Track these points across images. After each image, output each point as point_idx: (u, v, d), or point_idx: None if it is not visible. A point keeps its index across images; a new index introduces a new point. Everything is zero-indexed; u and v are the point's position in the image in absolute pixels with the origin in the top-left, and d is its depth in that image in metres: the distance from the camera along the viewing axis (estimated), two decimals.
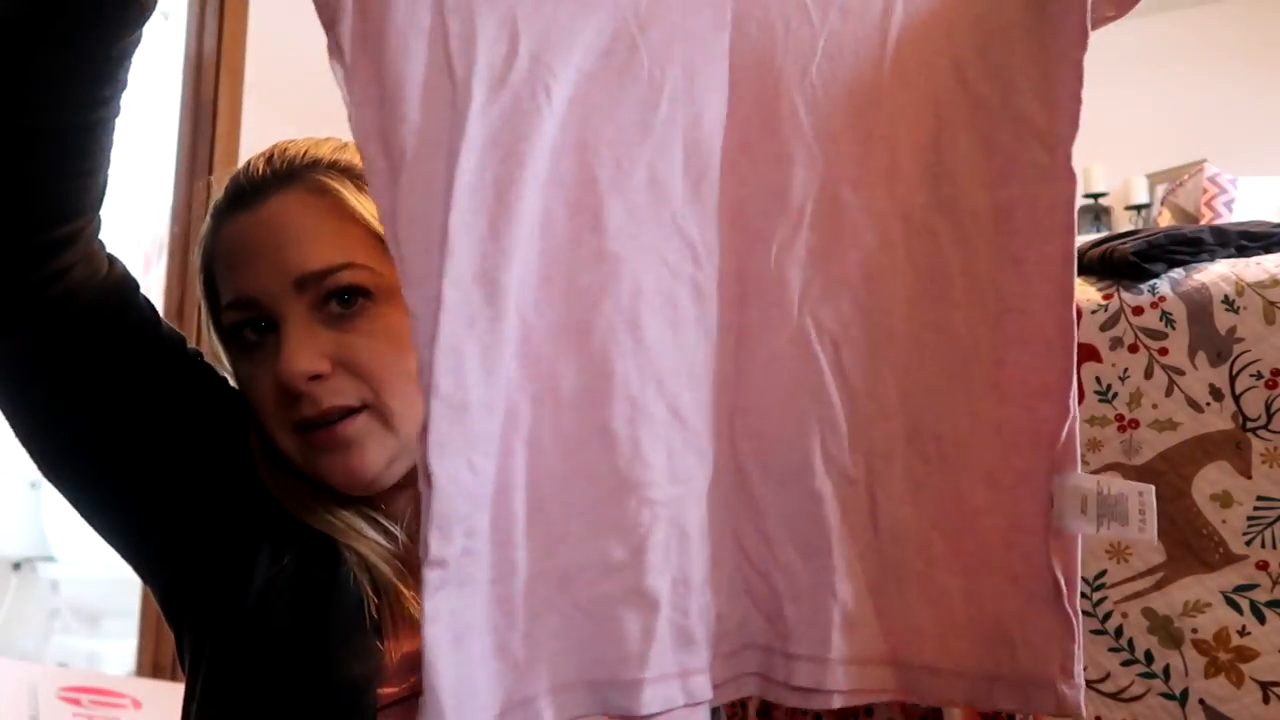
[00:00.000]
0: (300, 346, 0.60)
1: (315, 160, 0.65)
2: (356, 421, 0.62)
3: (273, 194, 0.64)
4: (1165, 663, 0.82)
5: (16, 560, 3.18)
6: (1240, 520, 0.81)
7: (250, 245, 0.63)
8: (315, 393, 0.61)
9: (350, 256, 0.62)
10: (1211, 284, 0.85)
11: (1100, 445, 0.87)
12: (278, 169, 0.65)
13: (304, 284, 0.61)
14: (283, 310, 0.62)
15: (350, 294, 0.62)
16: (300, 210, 0.63)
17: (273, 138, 2.31)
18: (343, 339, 0.62)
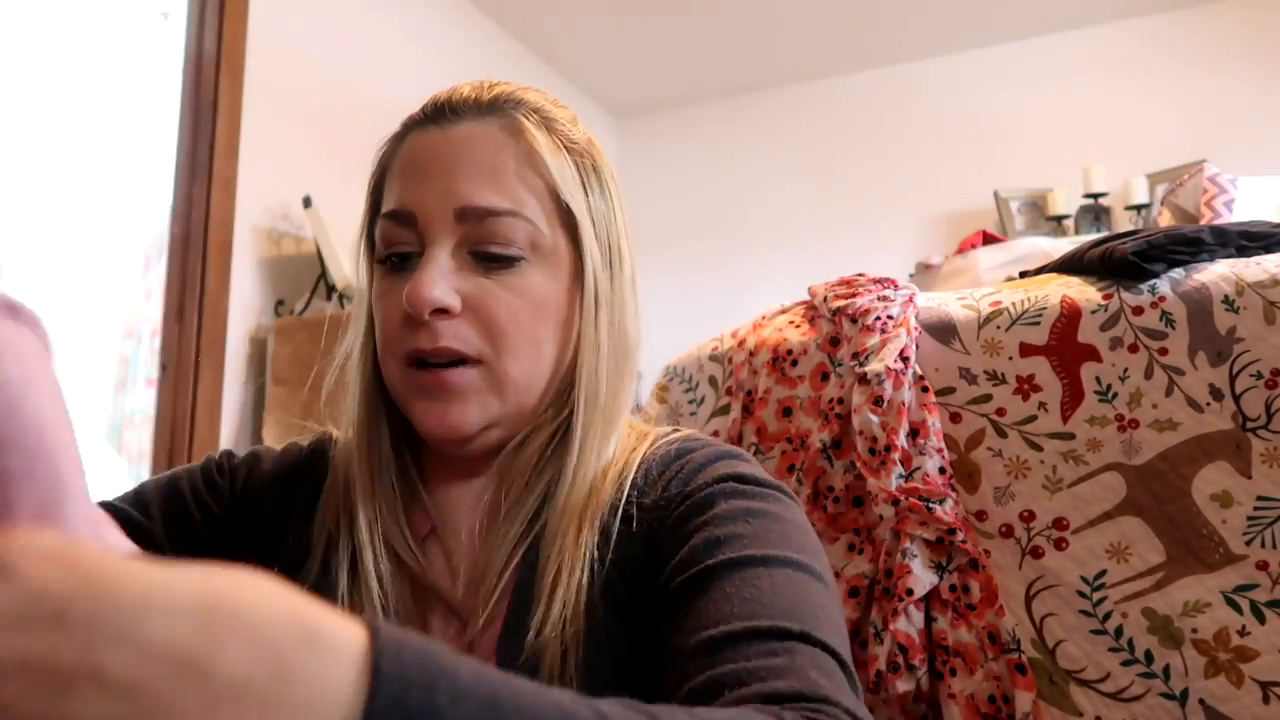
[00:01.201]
0: (439, 274, 0.58)
1: (520, 100, 0.63)
2: (467, 373, 0.59)
3: (468, 118, 0.61)
4: (1165, 663, 0.82)
5: None
6: (1240, 520, 0.81)
7: (428, 160, 0.61)
8: (437, 327, 0.58)
9: (520, 206, 0.59)
10: (1211, 284, 0.85)
11: (1100, 445, 0.87)
12: (482, 97, 0.62)
13: (465, 215, 0.59)
14: (436, 234, 0.59)
15: (503, 243, 0.59)
16: (489, 142, 0.60)
17: (273, 138, 2.33)
18: (483, 284, 0.59)
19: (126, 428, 3.46)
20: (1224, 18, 3.21)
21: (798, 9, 3.33)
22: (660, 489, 0.60)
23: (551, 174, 0.61)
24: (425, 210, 0.60)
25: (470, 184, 0.59)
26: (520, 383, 0.60)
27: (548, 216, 0.60)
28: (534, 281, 0.60)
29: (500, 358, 0.59)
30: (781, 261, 3.74)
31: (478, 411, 0.60)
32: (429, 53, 3.00)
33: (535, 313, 0.60)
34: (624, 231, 0.67)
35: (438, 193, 0.59)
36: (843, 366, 0.99)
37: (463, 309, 0.59)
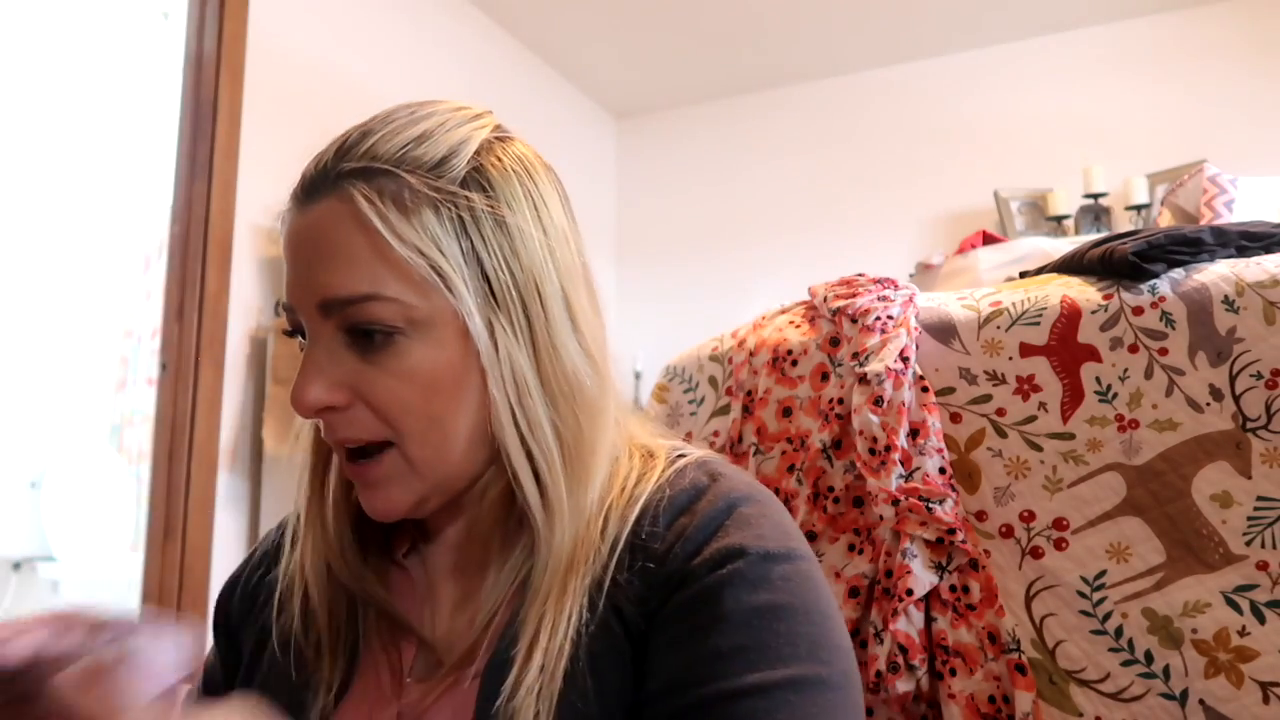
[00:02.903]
0: (316, 373, 0.56)
1: (365, 167, 0.56)
2: (382, 460, 0.57)
3: (318, 197, 0.57)
4: (1165, 663, 0.82)
5: (16, 560, 3.18)
6: (1240, 520, 0.81)
7: (293, 251, 0.58)
8: (331, 423, 0.57)
9: (378, 286, 0.55)
10: (1211, 284, 0.84)
11: (1100, 445, 0.87)
12: (330, 168, 0.57)
13: (327, 309, 0.56)
14: (310, 327, 0.57)
15: (372, 329, 0.55)
16: (333, 225, 0.56)
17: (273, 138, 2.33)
18: (363, 372, 0.56)
19: (126, 428, 3.46)
20: (1224, 18, 3.21)
21: (797, 9, 3.33)
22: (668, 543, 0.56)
23: (402, 244, 0.55)
24: (297, 304, 0.58)
25: (325, 274, 0.55)
26: (434, 461, 0.57)
27: (418, 284, 0.55)
28: (416, 358, 0.56)
29: (403, 443, 0.56)
30: (781, 262, 3.74)
31: (402, 493, 0.58)
32: (429, 53, 3.00)
33: (426, 390, 0.56)
34: (548, 254, 0.59)
35: (302, 287, 0.57)
36: (843, 366, 0.99)
37: (351, 399, 0.56)
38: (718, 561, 0.53)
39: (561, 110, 3.88)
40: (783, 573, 0.54)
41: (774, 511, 0.58)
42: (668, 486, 0.58)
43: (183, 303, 2.14)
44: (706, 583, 0.53)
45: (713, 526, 0.55)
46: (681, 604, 0.53)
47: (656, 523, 0.56)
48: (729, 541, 0.54)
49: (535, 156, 0.63)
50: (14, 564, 3.18)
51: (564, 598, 0.54)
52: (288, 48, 2.44)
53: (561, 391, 0.57)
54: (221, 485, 2.14)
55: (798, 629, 0.52)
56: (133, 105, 3.54)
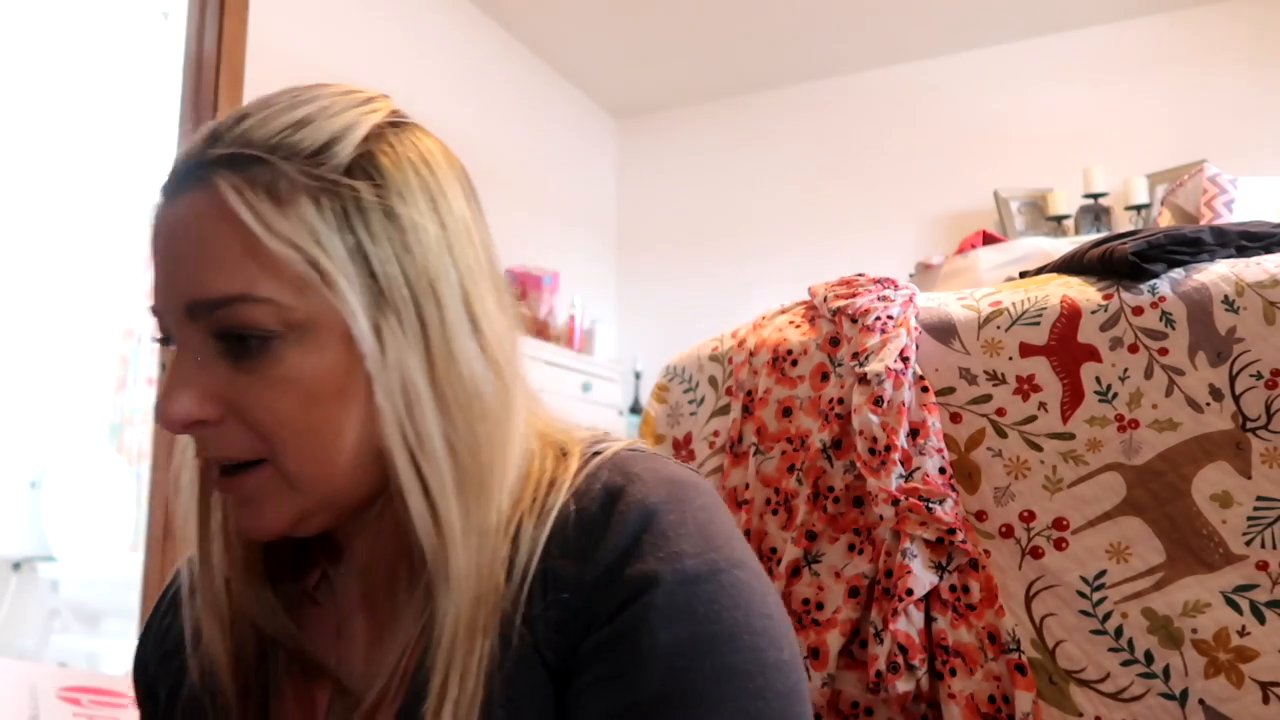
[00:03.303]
0: (183, 385, 0.50)
1: (236, 153, 0.51)
2: (257, 475, 0.51)
3: (186, 189, 0.51)
4: (1165, 663, 0.82)
5: (16, 560, 3.18)
6: (1240, 520, 0.81)
7: (158, 249, 0.52)
8: (202, 439, 0.52)
9: (250, 286, 0.49)
10: (1211, 284, 0.85)
11: (1100, 445, 0.87)
12: (196, 156, 0.51)
13: (194, 312, 0.50)
14: (178, 333, 0.52)
15: (247, 331, 0.49)
16: (199, 219, 0.50)
17: None
18: (236, 382, 0.50)
19: (126, 427, 3.46)
20: (1223, 18, 3.21)
21: (797, 9, 3.33)
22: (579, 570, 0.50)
23: (275, 238, 0.49)
24: (163, 308, 0.52)
25: (190, 274, 0.50)
26: (316, 476, 0.51)
27: (294, 283, 0.49)
28: (294, 365, 0.50)
29: (280, 458, 0.51)
30: (781, 261, 3.74)
31: (277, 511, 0.52)
32: (429, 53, 3.00)
33: (305, 400, 0.50)
34: (446, 249, 0.53)
35: (168, 289, 0.51)
36: (843, 366, 0.99)
37: (224, 413, 0.51)
38: (631, 594, 0.48)
39: (561, 110, 3.88)
40: (706, 595, 0.48)
41: (696, 514, 0.52)
42: (575, 499, 0.52)
43: None
44: (620, 621, 0.48)
45: (624, 548, 0.49)
46: (598, 645, 0.48)
47: (566, 544, 0.51)
48: (642, 568, 0.48)
49: (436, 144, 0.57)
50: (14, 564, 3.19)
51: (473, 635, 0.49)
52: (288, 48, 2.44)
53: (457, 401, 0.51)
54: None
55: (727, 661, 0.47)
56: (133, 105, 3.54)
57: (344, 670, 0.56)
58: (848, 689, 0.92)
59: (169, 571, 0.67)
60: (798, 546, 0.96)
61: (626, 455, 0.55)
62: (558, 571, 0.50)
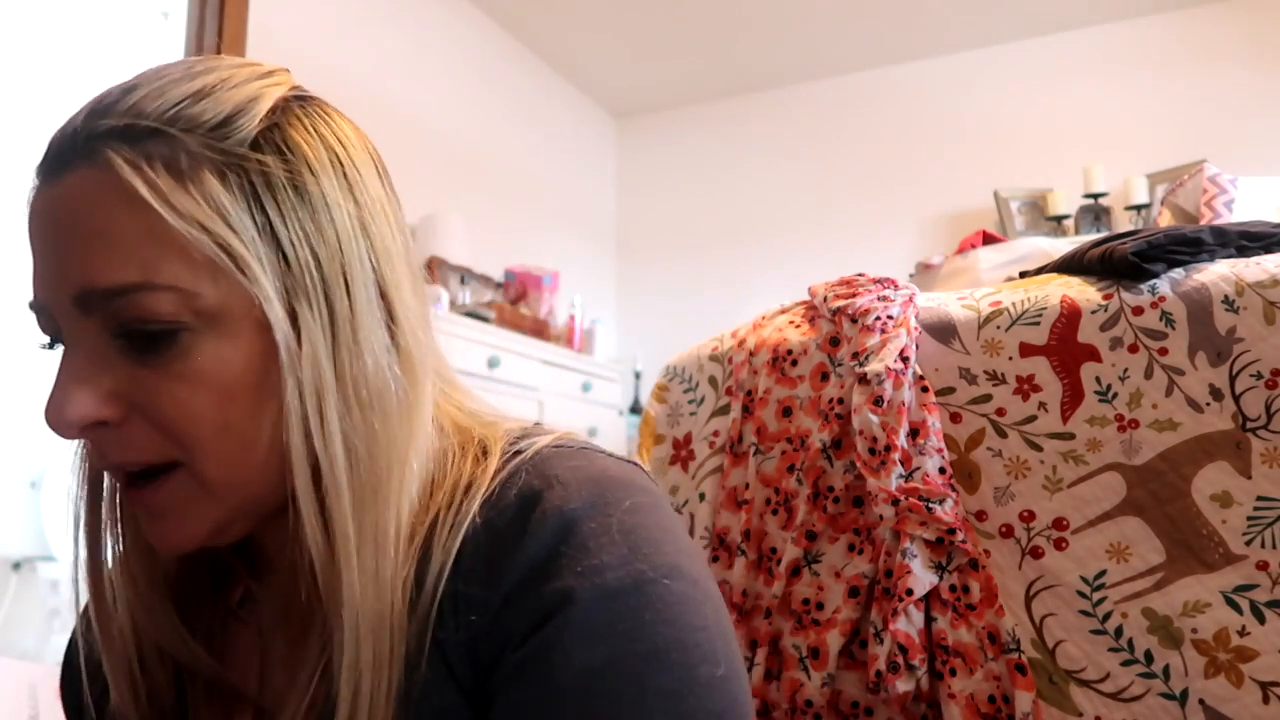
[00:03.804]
0: (76, 384, 0.45)
1: (130, 124, 0.46)
2: (166, 486, 0.47)
3: (74, 167, 0.46)
4: (1165, 663, 0.82)
5: (16, 560, 3.18)
6: (1240, 520, 0.81)
7: (40, 235, 0.47)
8: (100, 443, 0.46)
9: (150, 273, 0.44)
10: (1211, 284, 0.84)
11: (1100, 445, 0.87)
12: (84, 129, 0.46)
13: (87, 303, 0.45)
14: (67, 328, 0.47)
15: (149, 322, 0.45)
16: (89, 198, 0.45)
17: None
18: (139, 378, 0.45)
19: None
20: (1223, 18, 3.21)
21: (797, 9, 3.33)
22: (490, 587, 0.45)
23: (179, 217, 0.44)
24: (48, 301, 0.47)
25: (81, 261, 0.45)
26: (232, 480, 0.47)
27: (202, 267, 0.45)
28: (206, 357, 0.45)
29: (194, 461, 0.46)
30: (781, 262, 3.74)
31: (195, 523, 0.47)
32: (429, 53, 3.00)
33: (220, 396, 0.45)
34: (358, 232, 0.49)
35: (54, 277, 0.46)
36: (843, 366, 0.99)
37: (127, 413, 0.46)
38: (543, 615, 0.43)
39: (561, 110, 3.88)
40: (629, 611, 0.43)
41: (622, 518, 0.46)
42: (485, 509, 0.47)
43: None
44: (533, 644, 0.43)
45: (538, 563, 0.44)
46: (513, 669, 0.43)
47: (477, 557, 0.46)
48: (557, 585, 0.43)
49: (344, 120, 0.53)
50: (14, 564, 3.18)
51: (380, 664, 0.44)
52: (288, 48, 2.44)
53: (359, 398, 0.47)
54: None
55: (652, 683, 0.42)
56: None
57: (267, 691, 0.52)
58: (848, 689, 0.92)
59: None
60: (798, 546, 0.96)
61: (549, 453, 0.49)
62: (466, 591, 0.45)
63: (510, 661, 0.44)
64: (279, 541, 0.51)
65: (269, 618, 0.54)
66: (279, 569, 0.53)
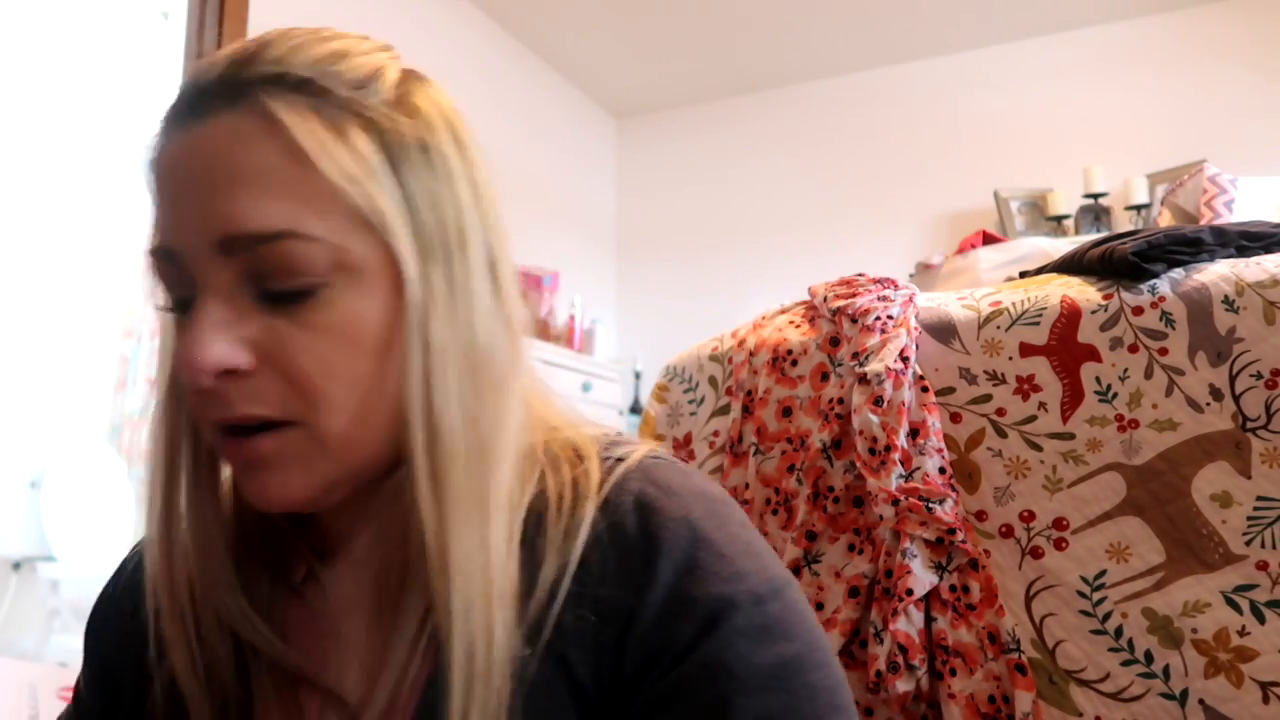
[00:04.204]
0: (214, 329, 0.44)
1: (282, 73, 0.46)
2: (281, 438, 0.46)
3: (218, 111, 0.45)
4: (1165, 663, 0.82)
5: (16, 560, 3.18)
6: (1240, 520, 0.81)
7: (178, 179, 0.46)
8: (227, 393, 0.45)
9: (298, 222, 0.44)
10: (1211, 284, 0.84)
11: (1100, 445, 0.87)
12: (229, 76, 0.46)
13: (231, 247, 0.45)
14: (204, 274, 0.45)
15: (291, 272, 0.45)
16: (242, 142, 0.45)
17: None
18: (276, 327, 0.45)
19: (126, 428, 3.46)
20: (1224, 18, 3.21)
21: (797, 9, 3.33)
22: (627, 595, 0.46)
23: (329, 172, 0.45)
24: (184, 246, 0.46)
25: (228, 204, 0.44)
26: (352, 438, 0.47)
27: (343, 222, 0.45)
28: (342, 309, 0.45)
29: (317, 416, 0.45)
30: (781, 262, 3.74)
31: (302, 479, 0.47)
32: (429, 52, 3.00)
33: (352, 349, 0.46)
34: (474, 204, 0.50)
35: (193, 221, 0.45)
36: (843, 366, 0.99)
37: (258, 364, 0.45)
38: (709, 620, 0.45)
39: (561, 110, 3.88)
40: (777, 614, 0.46)
41: (739, 531, 0.49)
42: (604, 512, 0.48)
43: None
44: (707, 647, 0.44)
45: (682, 570, 0.46)
46: (681, 681, 0.44)
47: (605, 561, 0.47)
48: (711, 591, 0.45)
49: (451, 100, 0.53)
50: (14, 564, 3.18)
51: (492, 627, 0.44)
52: None
53: (472, 361, 0.48)
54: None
55: (810, 679, 0.45)
56: (133, 105, 3.54)
57: (338, 679, 0.51)
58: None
59: None
60: (798, 546, 0.96)
61: (649, 464, 0.51)
62: (595, 593, 0.46)
63: (677, 676, 0.44)
64: (361, 519, 0.52)
65: (340, 599, 0.53)
66: (353, 549, 0.53)
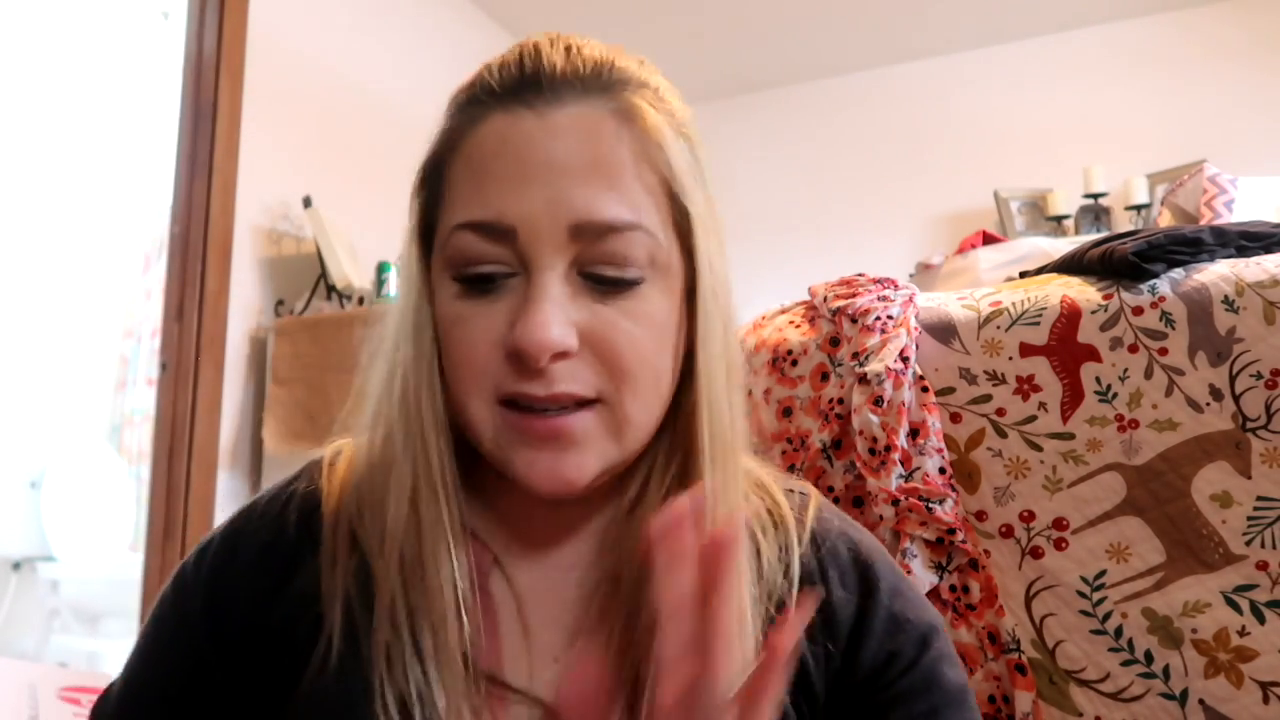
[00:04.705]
0: (558, 310, 0.46)
1: (626, 75, 0.50)
2: (586, 418, 0.48)
3: (572, 100, 0.48)
4: (1165, 663, 0.82)
5: (16, 560, 3.18)
6: (1240, 520, 0.81)
7: (527, 158, 0.47)
8: (552, 372, 0.47)
9: (640, 216, 0.48)
10: (1211, 284, 0.84)
11: (1100, 445, 0.87)
12: (581, 70, 0.49)
13: (582, 232, 0.47)
14: (545, 255, 0.47)
15: (624, 263, 0.47)
16: (599, 134, 0.48)
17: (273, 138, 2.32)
18: (601, 313, 0.48)
19: (126, 427, 3.46)
20: (1224, 18, 3.21)
21: (797, 9, 3.33)
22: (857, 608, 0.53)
23: (672, 168, 0.49)
24: (530, 225, 0.47)
25: (587, 191, 0.47)
26: (641, 423, 0.50)
27: (664, 221, 0.49)
28: (654, 304, 0.49)
29: (623, 398, 0.48)
30: (781, 262, 3.74)
31: (596, 460, 0.49)
32: (430, 52, 3.00)
33: (658, 341, 0.49)
34: (715, 213, 0.54)
35: (546, 203, 0.47)
36: (843, 366, 0.99)
37: (579, 347, 0.48)
38: (923, 640, 0.53)
39: None
40: (949, 646, 0.55)
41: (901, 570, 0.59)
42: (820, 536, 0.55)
43: (183, 303, 2.15)
44: (925, 663, 0.52)
45: (893, 596, 0.54)
46: (908, 688, 0.52)
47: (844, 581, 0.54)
48: (921, 616, 0.54)
49: None
50: (14, 564, 3.18)
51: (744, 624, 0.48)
52: (288, 48, 2.44)
53: (729, 357, 0.53)
54: (221, 485, 2.14)
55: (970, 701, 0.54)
56: (133, 105, 3.54)
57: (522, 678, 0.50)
58: None
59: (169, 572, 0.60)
60: None
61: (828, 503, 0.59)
62: (827, 603, 0.53)
63: (905, 684, 0.52)
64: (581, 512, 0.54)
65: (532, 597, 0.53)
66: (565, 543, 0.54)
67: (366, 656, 0.49)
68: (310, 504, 0.56)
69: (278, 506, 0.57)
